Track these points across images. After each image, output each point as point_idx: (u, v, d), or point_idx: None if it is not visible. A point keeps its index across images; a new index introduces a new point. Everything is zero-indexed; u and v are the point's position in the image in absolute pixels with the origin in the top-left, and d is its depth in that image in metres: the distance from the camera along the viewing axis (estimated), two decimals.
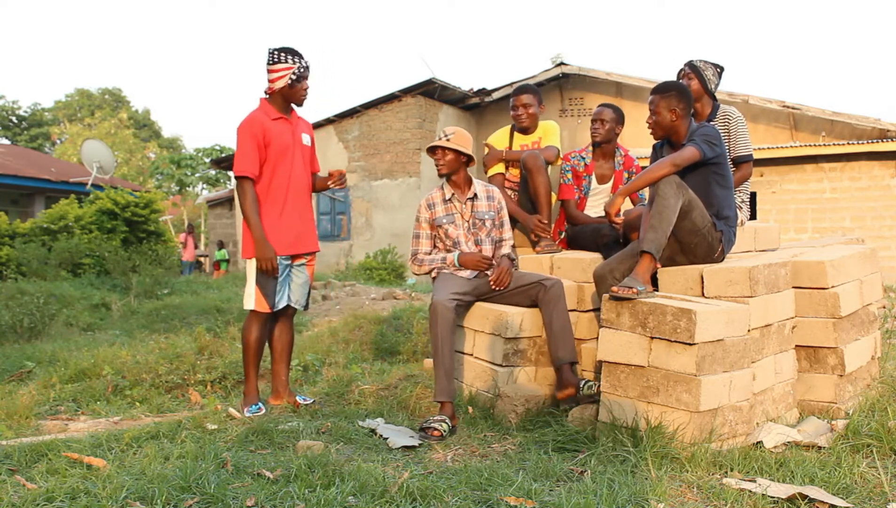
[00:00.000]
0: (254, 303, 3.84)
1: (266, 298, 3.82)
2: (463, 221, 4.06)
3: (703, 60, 4.23)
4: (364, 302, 9.53)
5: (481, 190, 4.11)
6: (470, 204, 4.07)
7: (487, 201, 4.11)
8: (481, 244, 4.08)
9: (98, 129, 37.27)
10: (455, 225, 4.05)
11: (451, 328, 3.75)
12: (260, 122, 3.72)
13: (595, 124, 4.59)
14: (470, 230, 4.06)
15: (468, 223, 4.06)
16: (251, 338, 3.93)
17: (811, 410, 3.62)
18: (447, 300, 3.76)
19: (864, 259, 4.05)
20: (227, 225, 19.40)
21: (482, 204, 4.09)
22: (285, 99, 3.83)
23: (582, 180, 4.65)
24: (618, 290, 3.21)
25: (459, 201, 4.05)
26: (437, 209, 4.07)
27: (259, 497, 2.40)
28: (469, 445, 3.40)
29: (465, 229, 4.06)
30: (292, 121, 3.86)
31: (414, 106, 15.81)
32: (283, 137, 3.79)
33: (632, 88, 15.18)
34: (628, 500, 2.44)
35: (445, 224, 4.05)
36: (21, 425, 4.10)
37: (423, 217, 4.09)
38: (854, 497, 2.54)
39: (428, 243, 4.11)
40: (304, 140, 3.94)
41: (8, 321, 7.63)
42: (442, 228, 4.05)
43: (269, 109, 3.80)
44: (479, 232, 4.08)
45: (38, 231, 13.34)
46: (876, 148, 12.39)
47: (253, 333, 3.92)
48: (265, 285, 3.81)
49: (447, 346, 3.71)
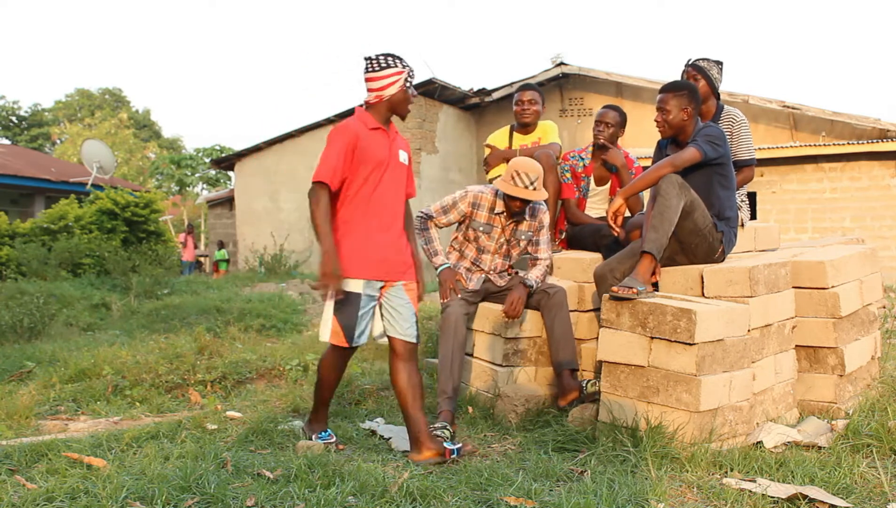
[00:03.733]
0: (329, 334, 3.20)
1: (343, 330, 3.18)
2: (498, 235, 3.94)
3: (705, 59, 4.19)
4: None
5: (527, 211, 3.94)
6: (513, 224, 3.94)
7: (529, 220, 3.96)
8: (509, 260, 4.01)
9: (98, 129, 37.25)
10: (490, 236, 3.93)
11: (462, 343, 3.77)
12: (355, 130, 3.28)
13: (599, 126, 4.55)
14: (503, 247, 3.96)
15: (502, 240, 3.95)
16: (329, 376, 3.36)
17: (811, 410, 3.62)
18: (460, 314, 3.77)
19: (864, 259, 4.05)
20: (227, 225, 19.38)
21: (524, 224, 3.95)
22: (391, 109, 3.35)
23: (581, 181, 4.64)
24: (618, 290, 3.21)
25: (505, 219, 3.92)
26: (480, 214, 3.91)
27: (259, 497, 2.40)
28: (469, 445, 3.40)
29: (498, 245, 3.95)
30: (390, 134, 3.38)
31: (414, 106, 15.78)
32: (379, 150, 3.30)
33: (632, 88, 15.17)
34: (628, 500, 2.44)
35: (482, 233, 3.92)
36: (21, 425, 4.10)
37: (461, 208, 3.91)
38: (854, 497, 2.54)
39: (446, 223, 3.98)
40: (401, 157, 3.41)
41: (8, 321, 7.62)
42: (475, 232, 3.93)
43: (367, 118, 3.34)
44: (512, 250, 3.99)
45: (38, 231, 13.33)
46: (876, 148, 12.38)
47: (332, 370, 3.35)
48: (343, 314, 3.18)
49: (457, 359, 3.72)
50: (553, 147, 4.64)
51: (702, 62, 4.18)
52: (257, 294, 10.13)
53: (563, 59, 15.94)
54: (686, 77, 4.19)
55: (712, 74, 4.16)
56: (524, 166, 3.75)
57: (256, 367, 5.47)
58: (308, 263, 15.79)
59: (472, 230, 3.93)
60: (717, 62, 4.22)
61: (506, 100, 15.56)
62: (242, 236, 17.62)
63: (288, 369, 5.46)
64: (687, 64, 4.23)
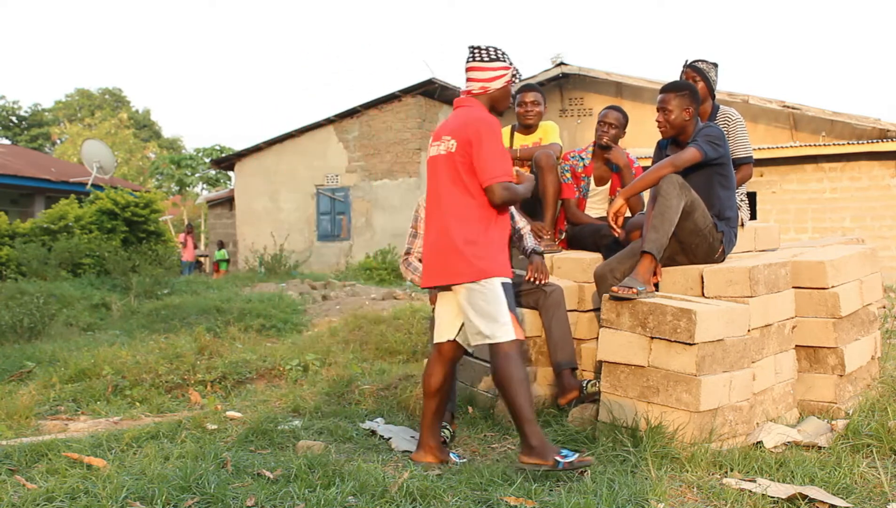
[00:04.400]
0: (514, 330, 2.92)
1: (518, 321, 2.99)
2: None
3: (702, 61, 4.22)
4: (364, 302, 9.54)
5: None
6: None
7: None
8: None
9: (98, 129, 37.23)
10: None
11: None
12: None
13: (602, 127, 4.54)
14: None
15: None
16: (521, 373, 2.91)
17: (811, 410, 3.62)
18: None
19: (864, 259, 4.05)
20: (227, 225, 19.39)
21: None
22: (491, 102, 3.16)
23: (581, 181, 4.64)
24: (618, 290, 3.21)
25: None
26: None
27: (259, 497, 2.40)
28: (469, 445, 3.40)
29: None
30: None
31: (414, 106, 15.80)
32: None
33: (632, 88, 15.18)
34: (628, 500, 2.44)
35: None
36: (21, 425, 4.10)
37: (422, 217, 4.00)
38: (854, 497, 2.54)
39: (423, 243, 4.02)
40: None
41: (8, 321, 7.63)
42: None
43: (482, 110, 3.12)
44: None
45: (38, 231, 13.33)
46: (876, 148, 12.39)
47: (521, 367, 2.93)
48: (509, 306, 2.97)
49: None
50: (553, 147, 4.63)
51: (700, 64, 4.21)
52: (257, 294, 10.14)
53: (563, 59, 15.95)
54: (685, 78, 4.20)
55: (710, 76, 4.20)
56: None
57: (256, 367, 5.47)
58: (308, 263, 15.81)
59: None
60: (713, 64, 4.26)
61: None
62: (242, 236, 17.64)
63: (288, 369, 5.47)
64: (685, 65, 4.24)
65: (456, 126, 3.04)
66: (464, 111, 3.11)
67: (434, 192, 3.08)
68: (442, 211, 3.01)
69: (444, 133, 3.07)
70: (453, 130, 3.03)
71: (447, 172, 3.01)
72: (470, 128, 2.99)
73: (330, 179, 16.54)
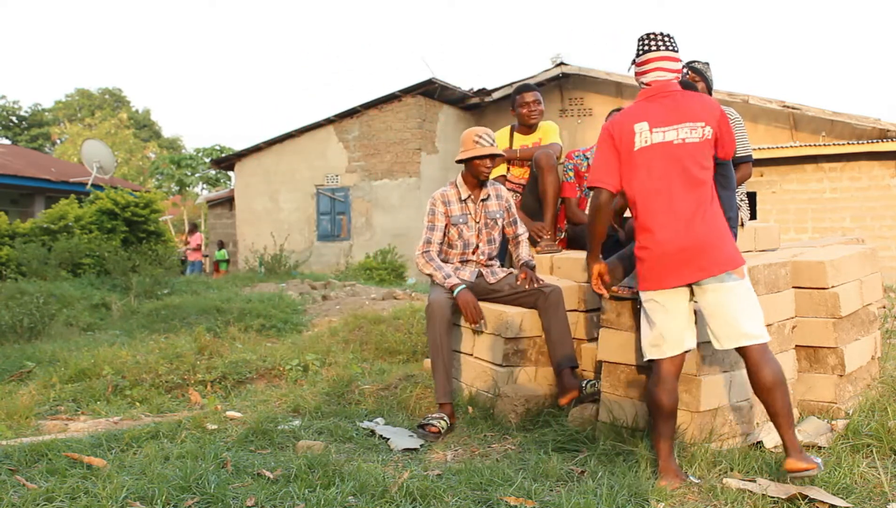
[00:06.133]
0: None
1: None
2: (475, 222, 4.08)
3: (699, 62, 4.26)
4: (364, 302, 9.53)
5: (491, 191, 4.15)
6: (483, 205, 4.10)
7: (497, 201, 4.15)
8: (493, 244, 4.14)
9: (98, 129, 37.23)
10: (468, 226, 4.07)
11: (448, 328, 3.77)
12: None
13: None
14: (482, 232, 4.09)
15: (479, 225, 4.09)
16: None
17: (811, 410, 3.62)
18: (444, 300, 3.78)
19: (864, 259, 4.05)
20: (227, 225, 19.39)
21: (493, 204, 4.13)
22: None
23: (583, 180, 4.65)
24: (618, 290, 3.21)
25: (474, 202, 4.08)
26: (453, 208, 4.06)
27: (259, 497, 2.40)
28: (469, 445, 3.40)
29: (477, 230, 4.08)
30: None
31: (414, 106, 15.80)
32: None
33: (632, 88, 15.16)
34: (628, 500, 2.44)
35: (461, 224, 4.06)
36: (21, 425, 4.10)
37: (440, 211, 4.05)
38: (854, 497, 2.54)
39: (441, 236, 4.05)
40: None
41: (8, 321, 7.63)
42: (457, 227, 4.05)
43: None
44: (491, 231, 4.13)
45: (38, 231, 13.33)
46: (876, 148, 12.39)
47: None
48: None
49: (445, 346, 3.73)
50: (553, 147, 4.64)
51: (697, 64, 4.24)
52: (257, 294, 10.13)
53: (563, 59, 15.97)
54: (687, 79, 4.21)
55: (708, 76, 4.22)
56: (478, 130, 4.01)
57: (256, 367, 5.47)
58: (308, 263, 15.81)
59: (454, 226, 4.04)
60: (706, 63, 4.30)
61: (506, 100, 15.54)
62: (242, 236, 17.63)
63: (288, 369, 5.47)
64: (684, 66, 4.25)
65: (700, 110, 2.84)
66: (688, 94, 2.91)
67: (673, 179, 2.80)
68: (695, 199, 2.76)
69: (687, 119, 2.82)
70: (699, 116, 2.82)
71: (697, 158, 2.80)
72: (717, 109, 2.87)
73: (330, 180, 16.54)
